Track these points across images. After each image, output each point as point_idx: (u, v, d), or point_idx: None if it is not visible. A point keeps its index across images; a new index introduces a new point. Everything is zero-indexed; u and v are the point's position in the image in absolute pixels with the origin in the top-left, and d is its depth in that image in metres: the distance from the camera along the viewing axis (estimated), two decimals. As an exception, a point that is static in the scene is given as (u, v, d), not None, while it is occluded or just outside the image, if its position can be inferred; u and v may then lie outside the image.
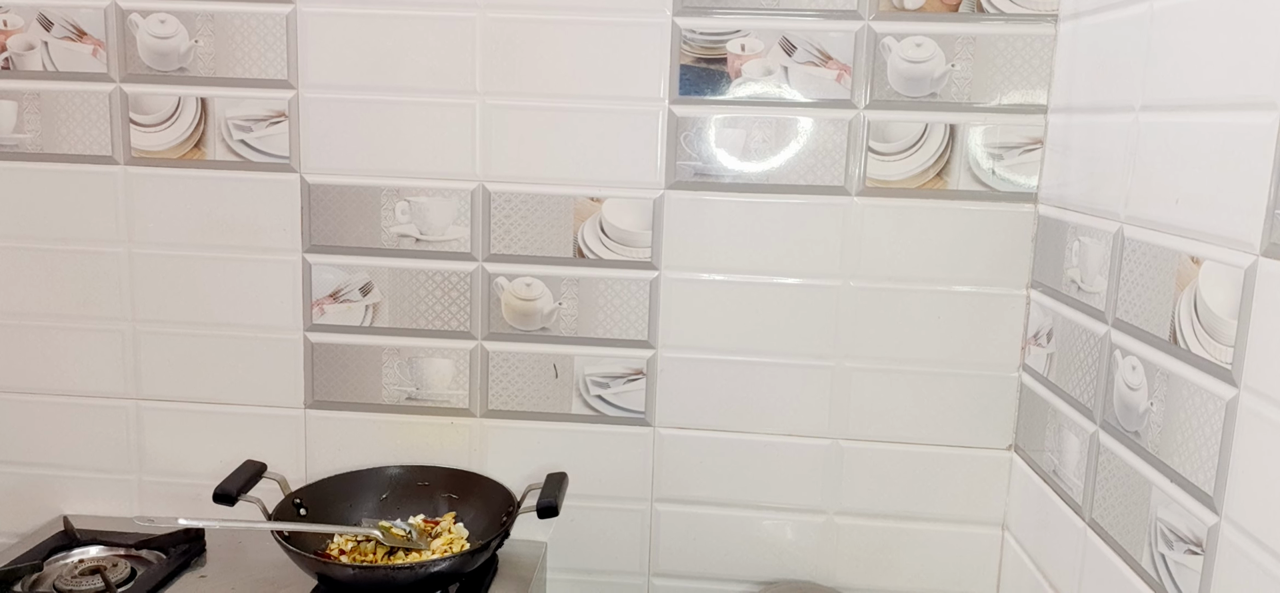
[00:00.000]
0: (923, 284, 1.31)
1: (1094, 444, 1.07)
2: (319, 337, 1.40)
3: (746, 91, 1.29)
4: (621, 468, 1.39)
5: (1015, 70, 1.25)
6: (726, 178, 1.31)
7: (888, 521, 1.37)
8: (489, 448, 1.41)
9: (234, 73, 1.34)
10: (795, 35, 1.27)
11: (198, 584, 1.27)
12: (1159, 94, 0.97)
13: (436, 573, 1.19)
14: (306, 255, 1.38)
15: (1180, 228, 0.90)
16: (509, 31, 1.30)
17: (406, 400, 1.41)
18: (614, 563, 1.42)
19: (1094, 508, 1.06)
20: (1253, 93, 0.80)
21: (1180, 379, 0.89)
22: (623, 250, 1.34)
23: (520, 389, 1.39)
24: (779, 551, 1.39)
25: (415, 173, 1.35)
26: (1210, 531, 0.83)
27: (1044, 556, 1.21)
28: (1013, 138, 1.27)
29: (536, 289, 1.36)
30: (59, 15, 1.35)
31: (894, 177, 1.29)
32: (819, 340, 1.34)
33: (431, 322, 1.38)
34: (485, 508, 1.35)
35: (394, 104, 1.33)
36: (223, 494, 1.25)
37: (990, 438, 1.33)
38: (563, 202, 1.34)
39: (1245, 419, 0.79)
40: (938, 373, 1.33)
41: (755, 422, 1.36)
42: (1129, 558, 0.97)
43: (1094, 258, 1.08)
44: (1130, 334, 0.99)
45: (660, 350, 1.36)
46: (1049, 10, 1.23)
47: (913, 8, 1.25)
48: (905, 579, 1.38)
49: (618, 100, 1.31)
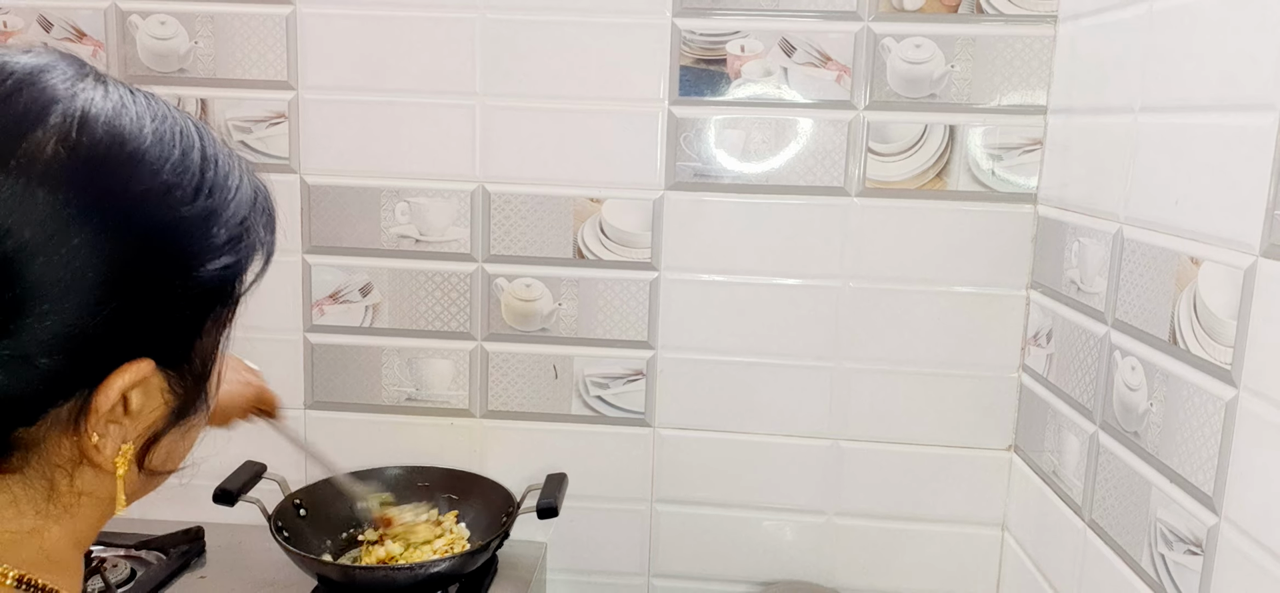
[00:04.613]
0: (923, 285, 1.31)
1: (1094, 445, 1.07)
2: (319, 337, 1.40)
3: (746, 92, 1.29)
4: (621, 469, 1.39)
5: (1015, 71, 1.25)
6: (726, 179, 1.31)
7: (887, 521, 1.37)
8: (489, 448, 1.41)
9: (234, 74, 1.35)
10: (795, 36, 1.28)
11: (198, 585, 1.27)
12: (1158, 95, 0.97)
13: (436, 573, 1.19)
14: (306, 256, 1.38)
15: (1180, 228, 0.91)
16: (509, 32, 1.30)
17: (406, 401, 1.41)
18: (614, 564, 1.42)
19: (1094, 508, 1.06)
20: (1252, 93, 0.80)
21: (1180, 380, 0.89)
22: (623, 251, 1.34)
23: (520, 390, 1.39)
24: (779, 551, 1.40)
25: (415, 174, 1.35)
26: (1210, 531, 0.83)
27: (1044, 556, 1.21)
28: (1012, 138, 1.27)
29: (536, 290, 1.36)
30: (59, 16, 1.35)
31: (894, 177, 1.29)
32: (819, 341, 1.34)
33: (431, 322, 1.38)
34: (485, 508, 1.35)
35: (394, 104, 1.33)
36: (223, 494, 1.25)
37: (990, 438, 1.34)
38: (562, 202, 1.34)
39: (1244, 420, 0.79)
40: (938, 373, 1.33)
41: (755, 422, 1.36)
42: (1129, 558, 0.97)
43: (1093, 258, 1.09)
44: (1130, 335, 0.99)
45: (660, 351, 1.36)
46: (1048, 11, 1.23)
47: (912, 9, 1.25)
48: (905, 580, 1.38)
49: (617, 101, 1.31)
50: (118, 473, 0.50)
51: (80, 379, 0.47)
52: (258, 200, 0.54)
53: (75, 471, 0.50)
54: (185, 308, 0.50)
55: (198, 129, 0.52)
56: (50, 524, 0.50)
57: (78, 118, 0.46)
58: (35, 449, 0.48)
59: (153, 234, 0.48)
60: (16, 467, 0.48)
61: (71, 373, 0.46)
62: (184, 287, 0.49)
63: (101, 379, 0.47)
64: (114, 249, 0.46)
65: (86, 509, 0.52)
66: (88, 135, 0.46)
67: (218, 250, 0.50)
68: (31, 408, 0.46)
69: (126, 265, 0.46)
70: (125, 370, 0.48)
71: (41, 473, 0.49)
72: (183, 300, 0.50)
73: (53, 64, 0.48)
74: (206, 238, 0.50)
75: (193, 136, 0.51)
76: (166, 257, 0.48)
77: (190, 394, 0.53)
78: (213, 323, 0.53)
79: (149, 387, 0.50)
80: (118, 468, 0.50)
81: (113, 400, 0.48)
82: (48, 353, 0.45)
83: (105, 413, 0.48)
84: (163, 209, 0.48)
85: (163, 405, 0.51)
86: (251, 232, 0.53)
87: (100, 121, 0.47)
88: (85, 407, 0.47)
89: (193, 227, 0.49)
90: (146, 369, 0.48)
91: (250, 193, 0.54)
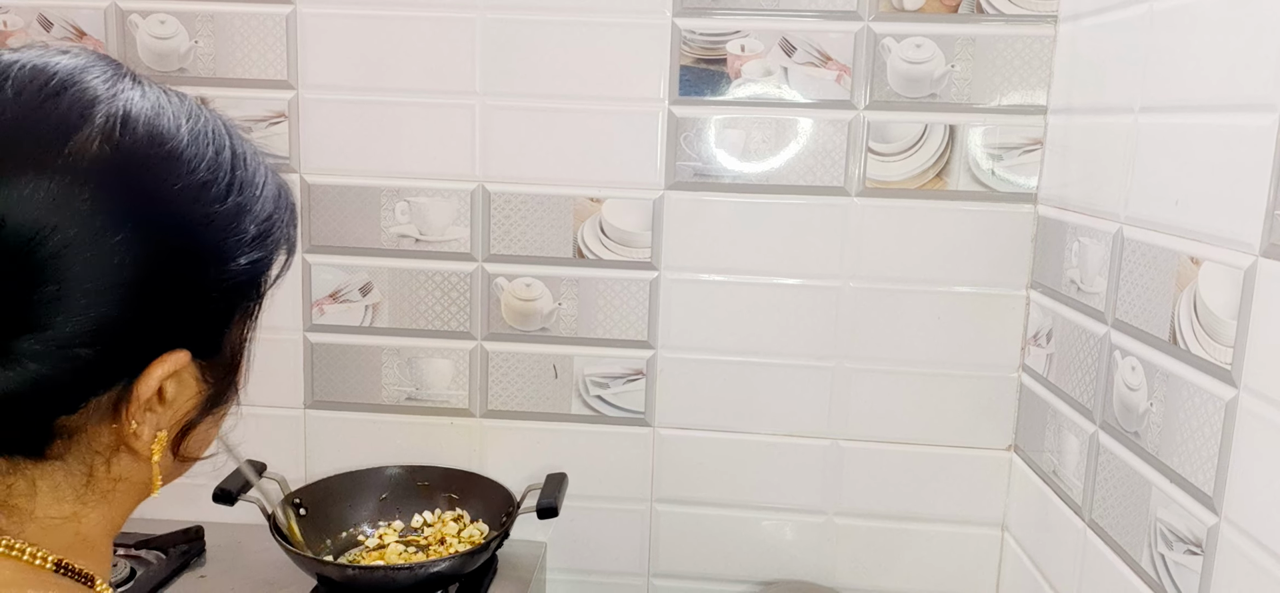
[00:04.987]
0: (922, 284, 1.31)
1: (1094, 445, 1.07)
2: (319, 337, 1.40)
3: (746, 92, 1.29)
4: (621, 468, 1.39)
5: (1015, 71, 1.25)
6: (726, 178, 1.31)
7: (887, 521, 1.37)
8: (489, 448, 1.41)
9: (234, 73, 1.35)
10: (795, 36, 1.28)
11: (198, 584, 1.27)
12: (1159, 95, 0.97)
13: (436, 573, 1.19)
14: (306, 255, 1.38)
15: (1180, 228, 0.91)
16: (509, 32, 1.30)
17: (406, 401, 1.41)
18: (614, 563, 1.42)
19: (1094, 508, 1.06)
20: (1252, 94, 0.80)
21: (1180, 380, 0.89)
22: (622, 251, 1.34)
23: (520, 389, 1.39)
24: (779, 551, 1.40)
25: (415, 173, 1.35)
26: (1210, 531, 0.83)
27: (1043, 556, 1.21)
28: (1012, 138, 1.27)
29: (536, 289, 1.36)
30: (59, 16, 1.35)
31: (894, 177, 1.29)
32: (819, 341, 1.34)
33: (431, 322, 1.38)
34: (485, 508, 1.35)
35: (394, 104, 1.33)
36: (223, 494, 1.25)
37: (990, 438, 1.34)
38: (562, 202, 1.34)
39: (1245, 420, 0.79)
40: (937, 373, 1.33)
41: (755, 422, 1.36)
42: (1129, 558, 0.98)
43: (1094, 258, 1.09)
44: (1130, 335, 0.99)
45: (660, 351, 1.36)
46: (1049, 11, 1.23)
47: (913, 8, 1.25)
48: (905, 579, 1.38)
49: (617, 101, 1.31)
50: (154, 459, 0.52)
51: (120, 370, 0.49)
52: (282, 196, 0.56)
53: (113, 457, 0.52)
54: (218, 301, 0.52)
55: (227, 127, 0.54)
56: (88, 510, 0.53)
57: (120, 118, 0.48)
58: (77, 437, 0.50)
59: (189, 230, 0.49)
60: (58, 454, 0.50)
61: (111, 363, 0.48)
62: (217, 280, 0.51)
63: (140, 369, 0.49)
64: (152, 245, 0.47)
65: (121, 495, 0.54)
66: (130, 135, 0.48)
67: (248, 246, 0.52)
68: (73, 397, 0.48)
69: (164, 260, 0.48)
70: (164, 360, 0.50)
71: (81, 460, 0.51)
72: (215, 294, 0.52)
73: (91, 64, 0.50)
74: (238, 233, 0.52)
75: (223, 136, 0.53)
76: (201, 252, 0.50)
77: (222, 384, 0.56)
78: (242, 316, 0.56)
79: (184, 377, 0.52)
80: (154, 454, 0.52)
81: (152, 390, 0.50)
82: (88, 344, 0.46)
83: (145, 402, 0.50)
84: (198, 206, 0.50)
85: (196, 395, 0.54)
86: (278, 227, 0.55)
87: (141, 121, 0.48)
88: (125, 395, 0.49)
89: (226, 223, 0.51)
90: (183, 360, 0.50)
91: (275, 189, 0.56)
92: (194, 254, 0.50)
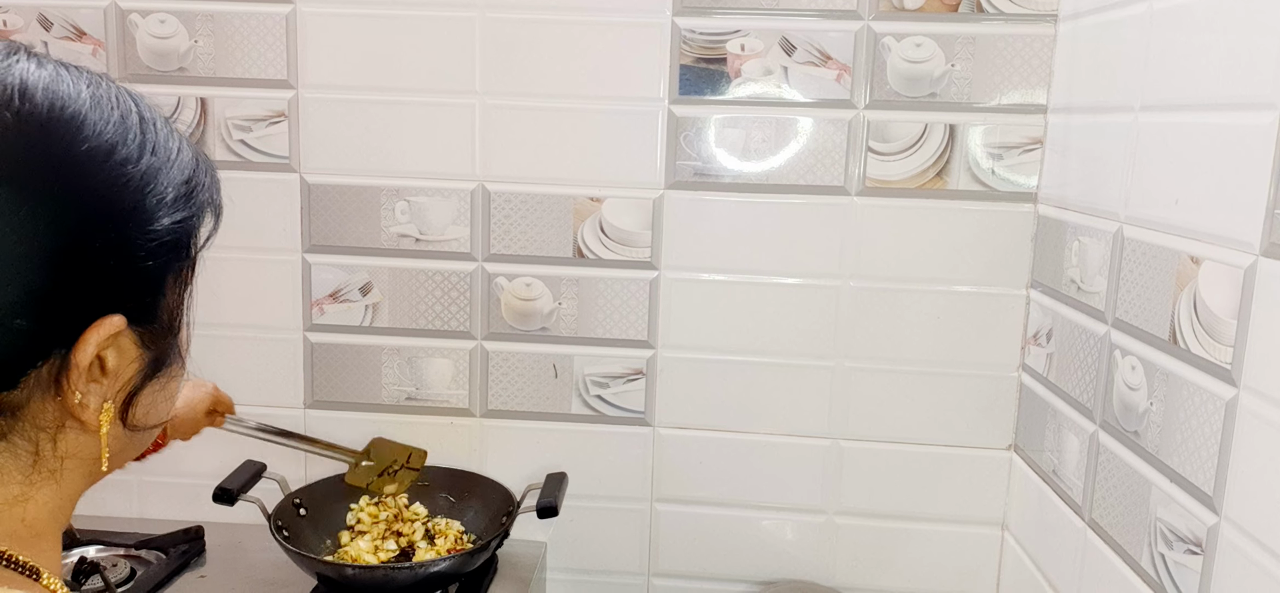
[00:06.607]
0: (922, 284, 1.31)
1: (1094, 444, 1.07)
2: (319, 337, 1.40)
3: (746, 91, 1.29)
4: (621, 468, 1.39)
5: (1015, 70, 1.25)
6: (726, 178, 1.31)
7: (888, 521, 1.37)
8: (489, 448, 1.41)
9: (234, 73, 1.34)
10: (795, 35, 1.27)
11: (198, 584, 1.27)
12: (1159, 94, 0.97)
13: (436, 573, 1.19)
14: (306, 255, 1.38)
15: (1180, 228, 0.91)
16: (509, 31, 1.30)
17: (406, 400, 1.41)
18: (614, 563, 1.42)
19: (1094, 508, 1.06)
20: (1252, 93, 0.80)
21: (1180, 379, 0.89)
22: (622, 250, 1.34)
23: (520, 389, 1.39)
24: (779, 551, 1.40)
25: (415, 173, 1.35)
26: (1210, 531, 0.83)
27: (1044, 556, 1.21)
28: (1012, 138, 1.27)
29: (536, 289, 1.36)
30: (59, 15, 1.35)
31: (894, 176, 1.29)
32: (819, 340, 1.34)
33: (431, 322, 1.38)
34: (485, 508, 1.35)
35: (394, 104, 1.33)
36: (223, 494, 1.25)
37: (990, 438, 1.34)
38: (562, 201, 1.34)
39: (1245, 419, 0.79)
40: (937, 373, 1.33)
41: (755, 422, 1.36)
42: (1129, 558, 0.97)
43: (1094, 258, 1.09)
44: (1130, 334, 0.99)
45: (660, 350, 1.36)
46: (1049, 10, 1.23)
47: (913, 8, 1.25)
48: (905, 579, 1.38)
49: (617, 100, 1.31)
50: (102, 431, 0.52)
51: (55, 338, 0.49)
52: (200, 160, 0.57)
53: (58, 433, 0.52)
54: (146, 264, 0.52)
55: (132, 96, 0.54)
56: (34, 492, 0.52)
57: (17, 87, 0.48)
58: (20, 414, 0.50)
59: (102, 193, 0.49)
60: (2, 433, 0.50)
61: (45, 332, 0.48)
62: (142, 242, 0.51)
63: (75, 337, 0.49)
64: (67, 210, 0.48)
65: (70, 474, 0.54)
66: (29, 103, 0.48)
67: (170, 206, 0.53)
68: (11, 370, 0.48)
69: (81, 225, 0.48)
70: (98, 326, 0.49)
71: (27, 438, 0.51)
72: (142, 256, 0.52)
73: None
74: (156, 194, 0.52)
75: (129, 102, 0.53)
76: (119, 214, 0.50)
77: (162, 349, 0.56)
78: (174, 279, 0.56)
79: (122, 344, 0.52)
80: (102, 426, 0.52)
81: (90, 356, 0.49)
82: (19, 314, 0.46)
83: (85, 370, 0.50)
84: (109, 168, 0.50)
85: (138, 361, 0.53)
86: (200, 189, 0.56)
87: (40, 90, 0.49)
88: (64, 365, 0.49)
89: (141, 183, 0.51)
90: (118, 324, 0.50)
91: (191, 153, 0.56)
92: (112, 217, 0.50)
